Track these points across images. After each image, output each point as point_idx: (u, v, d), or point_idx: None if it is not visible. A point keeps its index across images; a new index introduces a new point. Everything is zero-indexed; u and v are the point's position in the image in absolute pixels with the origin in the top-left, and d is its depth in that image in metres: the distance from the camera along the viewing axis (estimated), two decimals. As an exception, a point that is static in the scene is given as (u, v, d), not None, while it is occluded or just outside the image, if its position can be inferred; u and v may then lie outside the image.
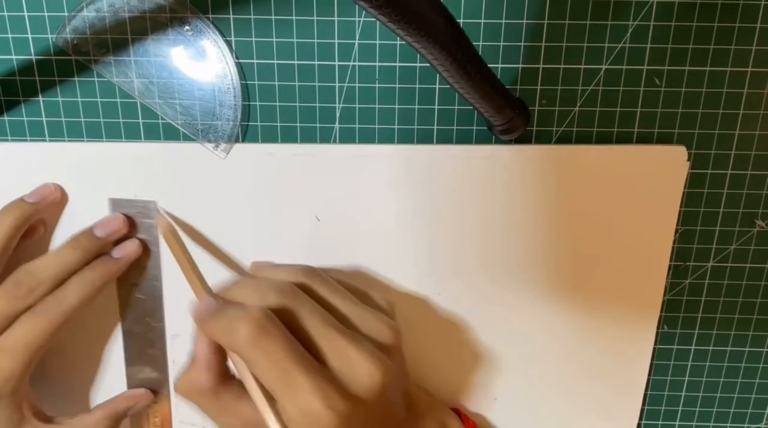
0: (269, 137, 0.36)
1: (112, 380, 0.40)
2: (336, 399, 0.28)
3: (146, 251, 0.37)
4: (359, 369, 0.30)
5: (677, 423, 0.41)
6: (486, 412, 0.41)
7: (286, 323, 0.30)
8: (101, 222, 0.36)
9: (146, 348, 0.39)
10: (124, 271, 0.37)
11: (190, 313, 0.31)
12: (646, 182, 0.36)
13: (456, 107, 0.36)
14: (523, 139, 0.36)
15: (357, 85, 0.35)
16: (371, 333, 0.32)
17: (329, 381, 0.29)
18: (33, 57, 0.35)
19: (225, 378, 0.32)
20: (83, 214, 0.37)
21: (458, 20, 0.34)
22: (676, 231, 0.37)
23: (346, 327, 0.31)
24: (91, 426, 0.37)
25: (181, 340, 0.39)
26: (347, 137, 0.36)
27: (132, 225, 0.37)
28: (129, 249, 0.37)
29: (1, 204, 0.36)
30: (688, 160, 0.36)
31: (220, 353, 0.32)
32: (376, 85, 0.35)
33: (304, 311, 0.31)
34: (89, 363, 0.40)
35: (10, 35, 0.34)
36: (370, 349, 0.30)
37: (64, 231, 0.37)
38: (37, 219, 0.36)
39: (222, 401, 0.31)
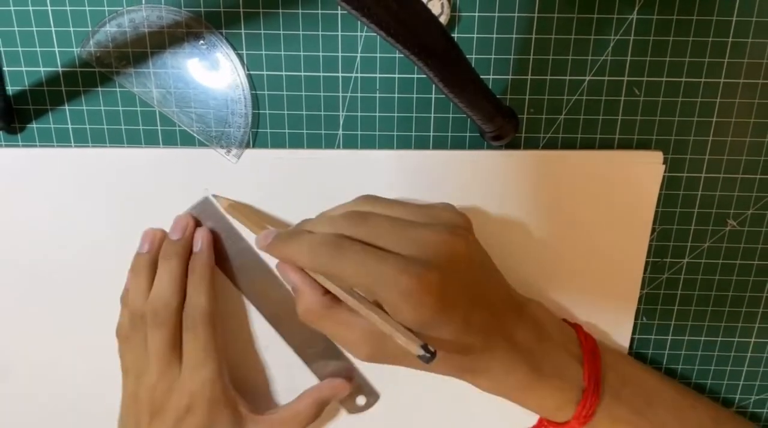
0: (277, 143, 0.36)
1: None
2: (425, 272, 0.28)
3: (231, 241, 0.37)
4: (440, 243, 0.29)
5: (655, 407, 0.41)
6: (477, 405, 0.40)
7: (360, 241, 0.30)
8: (172, 228, 0.36)
9: (285, 305, 0.38)
10: (221, 263, 0.37)
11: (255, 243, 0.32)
12: (625, 184, 0.36)
13: (450, 115, 0.36)
14: (513, 145, 0.36)
15: (359, 94, 0.35)
16: (443, 221, 0.31)
17: (414, 262, 0.28)
18: (59, 69, 0.35)
19: (334, 297, 0.31)
20: (109, 213, 0.37)
21: (453, 35, 0.34)
22: (654, 229, 0.37)
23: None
24: (302, 412, 0.37)
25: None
26: (350, 143, 0.36)
27: (196, 220, 0.37)
28: (203, 237, 0.36)
29: (28, 206, 0.37)
30: (665, 163, 0.36)
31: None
32: (377, 95, 0.35)
33: (373, 224, 0.30)
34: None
35: (38, 49, 0.34)
36: (444, 228, 0.30)
37: (91, 228, 0.37)
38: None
39: (338, 317, 0.31)
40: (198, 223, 0.37)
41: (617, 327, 0.39)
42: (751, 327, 0.39)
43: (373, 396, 0.40)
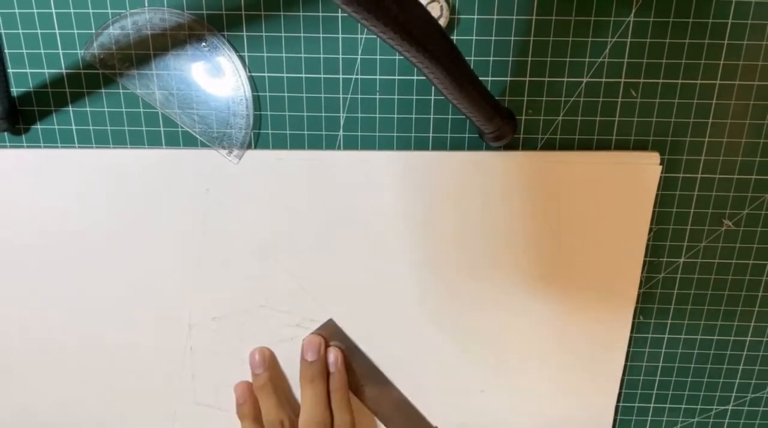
0: (279, 144, 0.36)
1: None
2: None
3: (353, 356, 0.40)
4: None
5: (652, 405, 0.41)
6: (473, 404, 0.41)
7: None
8: (305, 349, 0.39)
9: (399, 411, 0.41)
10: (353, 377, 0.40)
11: None
12: (623, 185, 0.36)
13: (450, 116, 0.36)
14: (511, 146, 0.36)
15: (359, 96, 0.35)
16: None
17: None
18: (63, 71, 0.35)
19: None
20: (112, 213, 0.37)
21: (452, 37, 0.34)
22: (651, 229, 0.37)
23: None
24: None
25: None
26: (350, 144, 0.36)
27: (326, 338, 0.39)
28: (336, 357, 0.39)
29: (32, 206, 0.37)
30: (662, 164, 0.36)
31: None
32: (377, 97, 0.35)
33: None
34: None
35: (42, 51, 0.34)
36: None
37: (95, 228, 0.37)
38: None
39: None
40: (326, 343, 0.39)
41: (615, 326, 0.39)
42: (746, 325, 0.39)
43: None
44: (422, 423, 0.41)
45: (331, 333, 0.39)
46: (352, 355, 0.39)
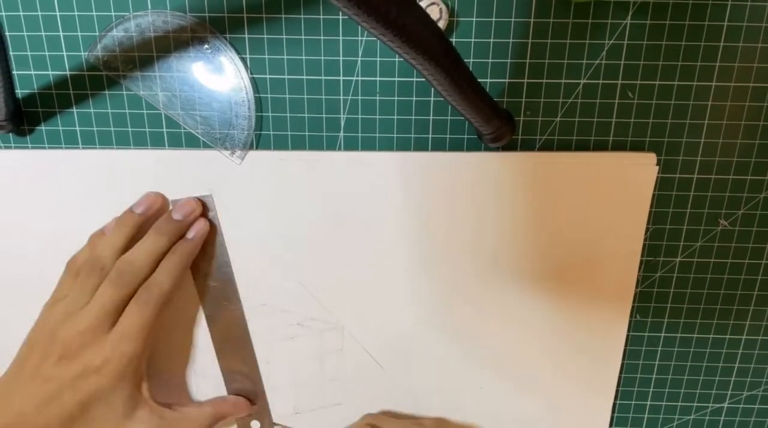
0: (280, 145, 0.36)
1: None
2: None
3: (211, 239, 0.37)
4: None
5: (648, 402, 0.41)
6: (472, 401, 0.41)
7: None
8: (177, 206, 0.36)
9: (230, 331, 0.39)
10: (197, 263, 0.37)
11: None
12: (620, 185, 0.36)
13: (449, 118, 0.36)
14: (510, 147, 0.36)
15: (360, 97, 0.35)
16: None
17: None
18: (67, 72, 0.35)
19: None
20: (116, 213, 0.37)
21: (451, 39, 0.34)
22: (648, 229, 0.37)
23: None
24: (197, 418, 0.37)
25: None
26: (351, 145, 0.36)
27: (204, 206, 0.37)
28: (200, 229, 0.36)
29: (37, 206, 0.37)
30: (658, 165, 0.36)
31: None
32: (377, 98, 0.35)
33: None
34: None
35: (47, 53, 0.34)
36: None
37: (99, 227, 0.37)
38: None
39: None
40: (203, 213, 0.37)
41: (612, 325, 0.39)
42: (742, 324, 0.39)
43: (268, 426, 0.41)
44: (249, 358, 0.39)
45: (208, 209, 0.37)
46: (219, 248, 0.37)
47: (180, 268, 0.35)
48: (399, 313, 0.39)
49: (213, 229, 0.37)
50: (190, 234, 0.36)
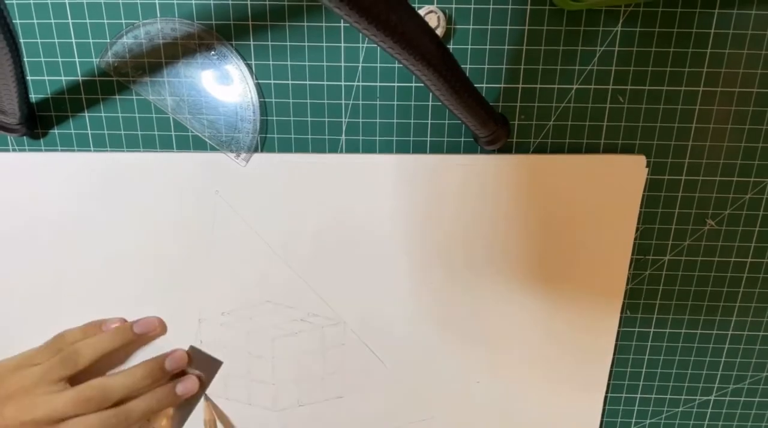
0: (284, 147, 0.36)
1: None
2: None
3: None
4: None
5: (638, 395, 0.41)
6: (469, 395, 0.41)
7: None
8: (172, 358, 0.35)
9: None
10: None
11: None
12: (611, 186, 0.36)
13: (446, 122, 0.36)
14: (505, 149, 0.36)
15: (360, 102, 0.35)
16: None
17: None
18: (79, 78, 0.35)
19: None
20: (126, 212, 0.37)
21: (448, 46, 0.34)
22: (637, 229, 0.37)
23: None
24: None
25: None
26: (352, 147, 0.36)
27: (190, 360, 0.36)
28: (189, 387, 0.35)
29: (50, 206, 0.37)
30: (647, 167, 0.36)
31: None
32: (377, 103, 0.35)
33: None
34: None
35: (59, 59, 0.34)
36: None
37: (109, 226, 0.37)
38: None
39: None
40: (190, 359, 0.36)
41: (604, 321, 0.39)
42: (728, 320, 0.39)
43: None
44: None
45: (196, 359, 0.36)
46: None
47: (153, 413, 0.34)
48: (398, 310, 0.39)
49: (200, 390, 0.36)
50: (180, 390, 0.35)
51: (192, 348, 0.35)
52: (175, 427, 0.37)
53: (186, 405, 0.36)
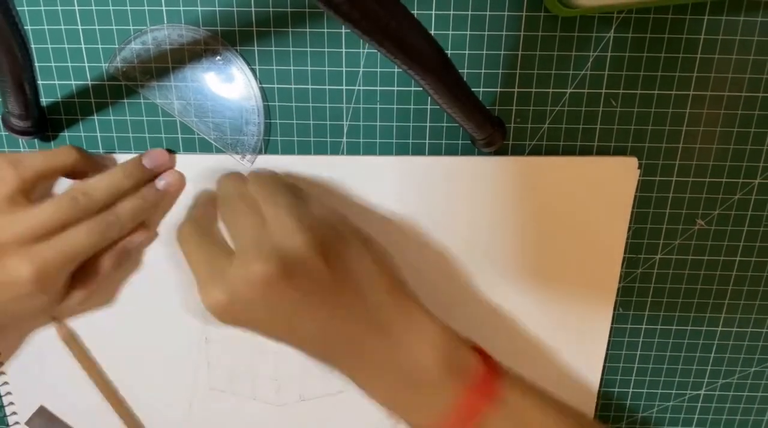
0: (287, 150, 0.36)
1: None
2: (270, 252, 0.26)
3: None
4: (287, 230, 0.27)
5: (630, 390, 0.41)
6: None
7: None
8: (150, 154, 0.33)
9: None
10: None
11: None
12: (604, 187, 0.36)
13: (444, 124, 0.36)
14: (501, 151, 0.36)
15: (361, 105, 0.35)
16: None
17: (263, 240, 0.27)
18: (89, 82, 0.35)
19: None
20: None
21: (447, 51, 0.34)
22: (630, 228, 0.37)
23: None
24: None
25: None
26: (353, 150, 0.36)
27: (174, 160, 0.34)
28: (171, 180, 0.34)
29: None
30: (639, 168, 0.36)
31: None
32: (378, 106, 0.35)
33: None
34: None
35: (69, 64, 0.34)
36: (299, 215, 0.28)
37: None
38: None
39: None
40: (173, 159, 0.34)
41: (597, 318, 0.39)
42: (717, 317, 0.39)
43: None
44: None
45: None
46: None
47: (141, 214, 0.32)
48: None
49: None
50: (161, 184, 0.33)
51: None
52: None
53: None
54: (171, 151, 0.35)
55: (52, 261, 0.30)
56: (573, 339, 0.39)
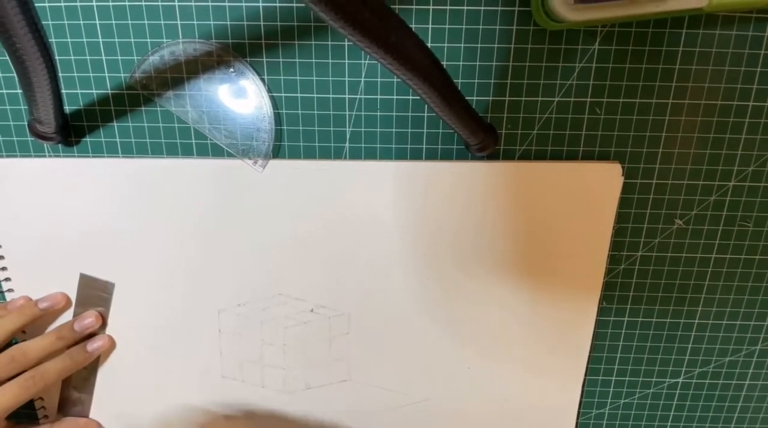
0: (294, 154, 0.36)
1: None
2: None
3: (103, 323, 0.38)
4: None
5: (613, 378, 0.41)
6: (461, 379, 0.41)
7: None
8: (80, 319, 0.36)
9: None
10: None
11: None
12: (590, 190, 0.36)
13: (440, 131, 0.36)
14: (493, 156, 0.36)
15: (363, 113, 0.35)
16: None
17: None
18: (109, 91, 0.35)
19: None
20: (150, 213, 0.37)
21: (442, 62, 0.34)
22: (613, 227, 0.37)
23: None
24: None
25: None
26: (355, 154, 0.36)
27: (103, 322, 0.37)
28: (99, 345, 0.37)
29: (82, 208, 0.37)
30: (622, 172, 0.36)
31: None
32: (378, 114, 0.35)
33: None
34: None
35: (91, 74, 0.35)
36: None
37: (135, 226, 0.37)
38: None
39: None
40: (103, 320, 0.37)
41: (583, 311, 0.39)
42: (695, 310, 0.39)
43: None
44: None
45: (90, 286, 0.36)
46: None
47: (68, 372, 0.35)
48: (396, 302, 0.39)
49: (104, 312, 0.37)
50: (91, 348, 0.36)
51: (83, 275, 0.36)
52: (88, 377, 0.37)
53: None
54: (99, 314, 0.37)
55: None
56: (560, 332, 0.39)
